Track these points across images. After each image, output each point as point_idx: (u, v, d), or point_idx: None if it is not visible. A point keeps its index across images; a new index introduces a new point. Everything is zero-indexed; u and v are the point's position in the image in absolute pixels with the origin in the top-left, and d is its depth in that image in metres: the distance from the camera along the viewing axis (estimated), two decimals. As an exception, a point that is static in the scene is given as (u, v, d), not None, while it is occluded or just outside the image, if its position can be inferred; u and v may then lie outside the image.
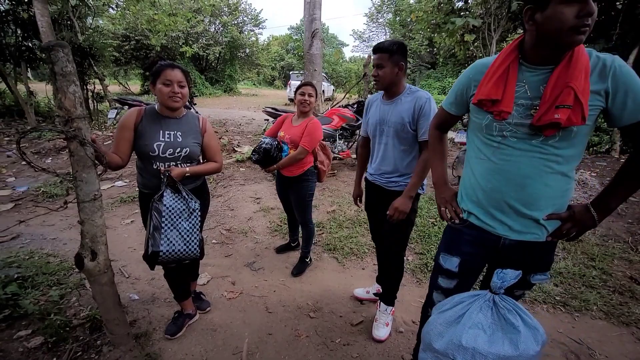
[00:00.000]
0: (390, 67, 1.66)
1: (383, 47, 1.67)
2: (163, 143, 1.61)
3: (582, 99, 0.96)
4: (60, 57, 1.24)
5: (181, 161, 1.67)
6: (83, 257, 1.47)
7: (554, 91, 0.99)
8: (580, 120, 0.97)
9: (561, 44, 0.98)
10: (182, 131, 1.67)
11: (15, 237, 3.03)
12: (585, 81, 0.97)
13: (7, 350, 1.68)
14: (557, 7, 0.94)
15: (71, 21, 8.06)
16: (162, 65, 1.57)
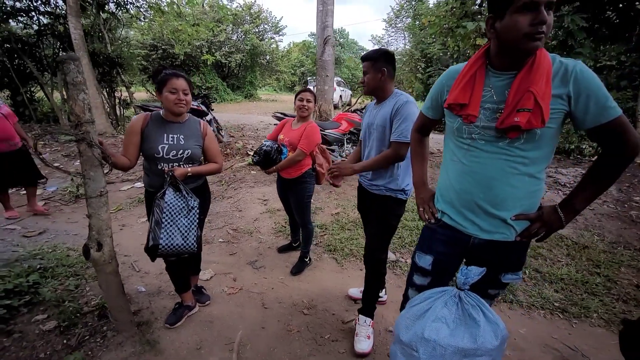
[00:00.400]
0: (373, 73, 1.75)
1: (367, 56, 1.77)
2: (167, 145, 1.75)
3: (542, 103, 0.99)
4: (72, 69, 1.41)
5: (184, 162, 1.81)
6: (90, 247, 1.63)
7: (516, 95, 1.04)
8: (540, 123, 1.01)
9: (519, 50, 1.02)
10: (184, 134, 1.81)
11: (42, 232, 3.30)
12: (547, 85, 1.01)
13: (25, 332, 1.87)
14: (513, 16, 0.99)
15: (102, 33, 8.63)
16: (167, 75, 1.72)
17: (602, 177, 1.09)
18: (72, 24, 6.85)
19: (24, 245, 2.91)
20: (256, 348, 1.89)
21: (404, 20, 17.33)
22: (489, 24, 1.10)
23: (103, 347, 1.79)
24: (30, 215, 3.70)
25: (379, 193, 1.83)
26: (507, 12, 1.01)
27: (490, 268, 1.23)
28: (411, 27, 14.60)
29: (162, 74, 1.74)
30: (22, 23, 8.74)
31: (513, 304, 2.30)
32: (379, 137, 1.78)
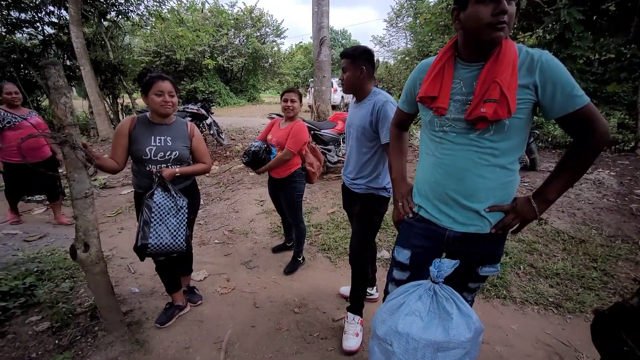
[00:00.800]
0: (352, 71, 1.74)
1: (346, 53, 1.75)
2: (154, 147, 1.78)
3: (508, 94, 0.99)
4: (52, 74, 1.44)
5: (171, 163, 1.83)
6: (77, 248, 1.65)
7: (482, 87, 1.04)
8: (507, 114, 1.00)
9: (482, 40, 1.02)
10: (171, 136, 1.84)
11: (42, 236, 3.36)
12: (512, 76, 1.00)
13: (18, 333, 1.91)
14: (475, 6, 1.00)
15: (104, 41, 8.79)
16: (152, 78, 1.75)
17: (574, 166, 1.08)
18: (73, 33, 7.00)
19: (24, 249, 2.97)
20: (245, 346, 1.90)
21: (404, 20, 17.28)
22: (454, 15, 1.10)
23: (93, 347, 1.82)
24: (56, 225, 3.73)
25: (361, 192, 1.83)
26: (469, 3, 1.01)
27: (467, 261, 1.23)
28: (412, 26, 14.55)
29: (147, 77, 1.77)
30: (27, 34, 8.95)
31: (506, 299, 2.28)
32: (358, 137, 1.77)
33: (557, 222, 3.34)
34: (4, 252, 2.89)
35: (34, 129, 3.17)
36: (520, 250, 2.81)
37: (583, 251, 2.74)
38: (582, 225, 3.21)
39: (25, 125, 3.18)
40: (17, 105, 3.23)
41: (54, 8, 8.47)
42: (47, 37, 8.79)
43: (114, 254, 2.99)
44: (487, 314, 2.15)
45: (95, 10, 8.24)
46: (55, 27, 8.80)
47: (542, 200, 1.13)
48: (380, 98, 1.72)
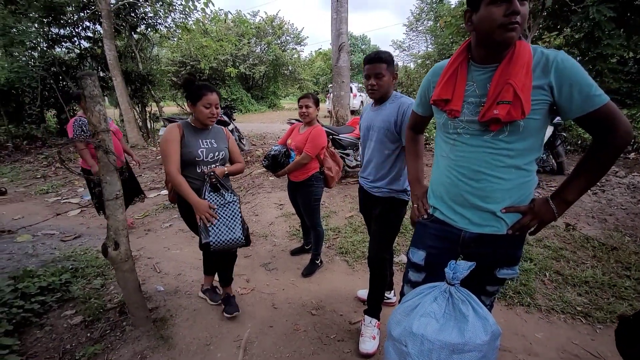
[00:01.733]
0: (388, 76, 1.73)
1: (382, 58, 1.70)
2: (205, 149, 1.92)
3: (522, 95, 0.99)
4: (89, 84, 1.56)
5: (219, 163, 2.00)
6: (108, 246, 1.77)
7: (496, 88, 1.04)
8: (520, 115, 1.00)
9: (495, 41, 1.03)
10: (215, 139, 2.00)
11: (77, 236, 3.58)
12: (526, 77, 1.00)
13: (54, 325, 2.05)
14: (487, 7, 1.01)
15: (134, 53, 9.29)
16: (202, 89, 1.87)
17: (594, 167, 1.06)
18: (107, 46, 7.45)
19: (60, 248, 3.18)
20: (263, 345, 1.95)
21: (424, 23, 17.12)
22: (466, 18, 1.11)
23: (121, 341, 1.92)
24: (90, 227, 3.95)
25: (381, 195, 1.85)
26: (481, 4, 1.02)
27: (484, 263, 1.22)
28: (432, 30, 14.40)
29: (195, 86, 1.89)
30: (65, 48, 9.61)
31: (530, 307, 2.20)
32: (380, 139, 1.80)
33: (586, 228, 3.18)
34: (42, 251, 3.10)
35: (114, 135, 3.17)
36: (545, 256, 2.70)
37: (615, 259, 2.60)
38: (614, 232, 3.05)
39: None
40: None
41: (90, 23, 9.07)
42: (83, 51, 9.40)
43: (141, 254, 3.13)
44: (509, 322, 2.09)
45: (127, 24, 8.74)
46: (91, 41, 9.41)
47: (561, 201, 1.11)
48: (405, 100, 1.75)
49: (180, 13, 9.64)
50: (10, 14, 7.57)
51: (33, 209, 4.61)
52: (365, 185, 1.94)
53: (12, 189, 5.54)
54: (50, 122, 10.10)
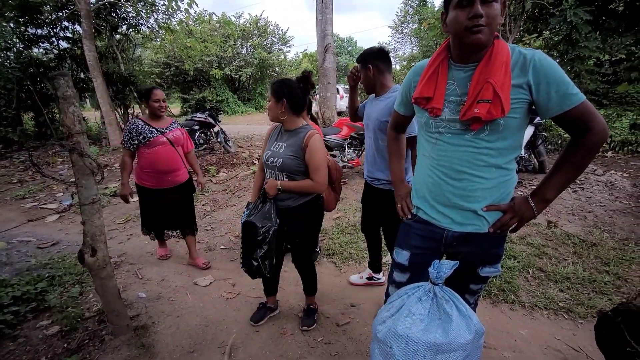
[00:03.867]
0: (364, 72, 1.91)
1: (356, 60, 1.97)
2: (270, 152, 1.79)
3: (501, 93, 1.00)
4: (62, 84, 1.50)
5: (277, 171, 1.75)
6: (84, 253, 1.70)
7: (476, 87, 1.05)
8: (500, 113, 1.01)
9: (464, 42, 1.04)
10: (287, 143, 1.75)
11: (55, 243, 3.45)
12: (505, 76, 1.01)
13: (29, 336, 1.95)
14: (454, 11, 1.03)
15: (115, 54, 9.07)
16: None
17: (572, 164, 1.08)
18: (86, 47, 7.24)
19: (37, 255, 3.05)
20: (248, 351, 1.91)
21: (409, 26, 17.38)
22: (442, 19, 1.13)
23: (100, 351, 1.85)
24: (68, 233, 3.78)
25: (382, 187, 1.95)
26: (450, 8, 1.05)
27: (467, 262, 1.22)
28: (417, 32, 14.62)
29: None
30: (43, 49, 9.29)
31: (515, 304, 2.23)
32: (375, 130, 1.90)
33: (567, 225, 3.26)
34: (17, 259, 2.97)
35: (171, 145, 2.58)
36: (528, 254, 2.75)
37: (595, 255, 2.67)
38: (593, 229, 3.14)
39: (160, 141, 2.53)
40: (160, 116, 2.59)
41: (69, 23, 8.80)
42: (61, 52, 9.11)
43: (122, 260, 3.04)
44: (495, 319, 2.11)
45: (107, 24, 8.52)
46: (70, 41, 9.13)
47: (540, 199, 1.12)
48: None
49: (163, 13, 9.47)
50: (-16, 13, 7.29)
51: (8, 215, 4.42)
52: (368, 179, 2.05)
53: (-14, 194, 5.30)
54: (27, 125, 9.74)
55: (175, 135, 2.63)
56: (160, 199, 2.64)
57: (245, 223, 1.75)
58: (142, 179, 2.62)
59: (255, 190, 1.99)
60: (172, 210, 2.71)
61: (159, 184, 2.61)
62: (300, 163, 1.72)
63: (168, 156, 2.56)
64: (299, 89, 1.71)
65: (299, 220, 1.83)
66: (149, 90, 2.50)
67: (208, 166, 6.04)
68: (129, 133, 2.51)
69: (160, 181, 2.60)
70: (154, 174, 2.57)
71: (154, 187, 2.61)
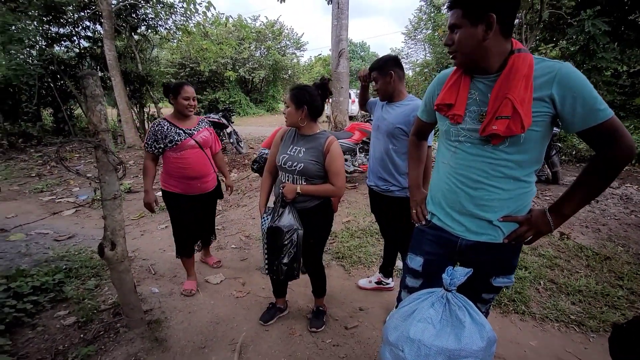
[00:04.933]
0: (382, 79, 1.92)
1: (373, 66, 1.97)
2: (287, 156, 1.77)
3: (520, 109, 0.99)
4: (90, 83, 1.57)
5: (297, 175, 1.76)
6: (104, 246, 1.76)
7: (495, 103, 1.05)
8: (520, 129, 1.01)
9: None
10: (306, 148, 1.76)
11: (71, 236, 3.54)
12: (526, 89, 1.00)
13: (47, 325, 2.02)
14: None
15: (134, 54, 9.28)
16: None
17: (595, 181, 1.05)
18: (107, 46, 7.44)
19: (54, 247, 3.14)
20: (258, 349, 1.94)
21: (423, 32, 17.33)
22: None
23: (115, 342, 1.90)
24: (84, 227, 3.88)
25: (389, 195, 1.99)
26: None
27: (480, 271, 1.22)
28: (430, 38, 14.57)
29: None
30: (64, 47, 9.58)
31: (525, 315, 2.21)
32: (387, 132, 1.93)
33: (580, 237, 3.22)
34: (36, 250, 3.07)
35: (200, 148, 2.32)
36: (540, 265, 2.72)
37: (608, 268, 2.63)
38: (607, 242, 3.09)
39: (188, 144, 2.26)
40: (188, 116, 2.31)
41: (90, 23, 9.05)
42: (82, 50, 9.37)
43: (136, 255, 3.11)
44: (504, 329, 2.10)
45: (127, 25, 8.73)
46: (90, 40, 9.38)
47: (559, 215, 1.11)
48: (419, 103, 1.84)
49: (181, 15, 9.67)
50: (10, 12, 7.55)
51: (27, 207, 4.56)
52: (377, 189, 2.06)
53: (6, 187, 5.47)
54: (46, 121, 10.03)
55: (204, 137, 2.35)
56: (186, 205, 2.39)
57: (270, 229, 1.75)
58: (168, 183, 2.36)
59: (264, 193, 1.97)
60: (199, 220, 2.51)
61: (186, 190, 2.36)
62: (321, 168, 1.75)
63: (197, 161, 2.31)
64: (319, 95, 1.73)
65: (314, 221, 1.85)
66: (179, 86, 2.22)
67: (220, 166, 6.13)
68: (153, 135, 2.22)
69: (188, 187, 2.35)
70: (183, 179, 2.32)
71: (181, 192, 2.35)
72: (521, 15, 5.41)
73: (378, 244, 3.23)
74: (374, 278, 2.57)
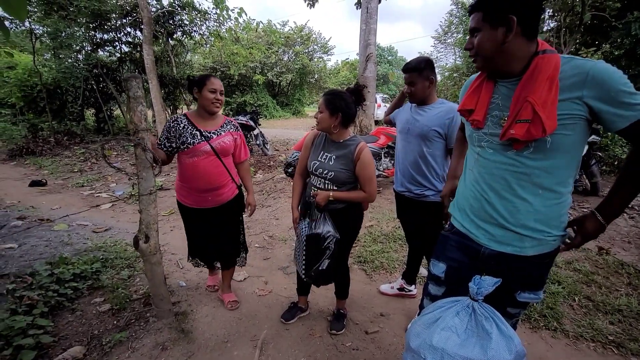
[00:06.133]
0: (421, 82, 1.88)
1: (412, 67, 1.88)
2: (318, 163, 1.78)
3: (542, 112, 0.95)
4: (133, 85, 1.68)
5: (328, 181, 1.77)
6: (139, 239, 1.86)
7: (515, 107, 1.03)
8: (541, 133, 0.96)
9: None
10: (336, 155, 1.75)
11: (107, 229, 3.76)
12: (550, 91, 0.96)
13: (84, 311, 2.16)
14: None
15: (169, 58, 9.76)
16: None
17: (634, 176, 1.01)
18: (145, 51, 7.87)
19: (92, 238, 3.35)
20: (278, 347, 1.97)
21: (453, 36, 16.96)
22: None
23: (145, 331, 2.00)
24: (119, 220, 4.10)
25: (423, 200, 1.99)
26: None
27: (504, 284, 1.15)
28: (461, 42, 14.23)
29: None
30: (107, 52, 10.24)
31: (557, 332, 2.10)
32: (420, 135, 1.92)
33: (621, 253, 3.01)
34: (76, 240, 3.29)
35: (215, 156, 2.00)
36: (575, 280, 2.57)
37: (653, 288, 2.44)
38: (652, 260, 2.87)
39: (201, 150, 1.96)
40: (213, 113, 2.03)
41: (131, 29, 9.64)
42: (123, 55, 9.98)
43: (165, 249, 3.25)
44: (533, 345, 2.00)
45: (165, 30, 9.22)
46: (131, 45, 9.99)
47: (609, 213, 1.06)
48: (453, 107, 1.87)
49: (214, 21, 10.07)
50: (61, 19, 8.19)
51: (70, 200, 4.90)
52: (410, 194, 2.04)
53: (52, 180, 5.92)
54: (88, 120, 10.73)
55: (224, 144, 2.02)
56: (202, 222, 2.14)
57: (310, 236, 1.78)
58: (182, 195, 2.10)
59: (296, 195, 1.98)
60: (216, 238, 2.20)
61: (199, 203, 2.08)
62: (351, 175, 1.74)
63: (211, 170, 2.00)
64: (353, 102, 1.71)
65: (344, 222, 1.84)
66: (205, 77, 1.99)
67: (246, 167, 6.29)
68: (166, 131, 1.97)
69: (199, 200, 2.07)
70: (193, 190, 2.04)
71: (194, 206, 2.10)
72: (560, 17, 5.16)
73: (401, 250, 3.18)
74: (396, 284, 2.53)
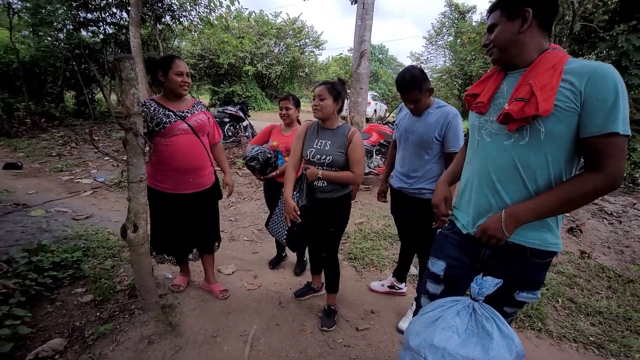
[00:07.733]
0: (423, 96, 1.84)
1: (411, 85, 1.79)
2: (314, 150, 1.86)
3: (539, 92, 0.97)
4: (126, 66, 1.58)
5: (326, 167, 1.85)
6: (127, 228, 1.77)
7: (516, 91, 1.05)
8: (534, 110, 0.96)
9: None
10: (331, 141, 1.85)
11: (88, 216, 3.61)
12: (552, 77, 0.97)
13: (65, 301, 2.06)
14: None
15: (157, 42, 9.42)
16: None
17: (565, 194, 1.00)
18: (132, 34, 7.55)
19: (72, 226, 3.20)
20: (269, 343, 1.93)
21: (444, 38, 17.16)
22: None
23: (130, 323, 1.92)
24: (101, 208, 3.91)
25: (421, 197, 1.97)
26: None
27: (504, 283, 1.17)
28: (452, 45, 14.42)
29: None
30: (90, 32, 9.78)
31: (541, 332, 2.16)
32: (418, 143, 1.91)
33: (602, 257, 3.13)
34: (55, 227, 3.13)
35: (194, 134, 1.94)
36: (559, 282, 2.66)
37: (631, 292, 2.54)
38: (630, 264, 2.99)
39: (179, 128, 1.89)
40: (181, 95, 1.96)
41: (117, 10, 9.22)
42: (107, 36, 9.55)
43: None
44: (519, 344, 2.05)
45: (153, 13, 8.87)
46: (116, 27, 9.56)
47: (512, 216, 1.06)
48: (451, 110, 1.85)
49: (205, 7, 9.78)
50: (43, -6, 7.75)
51: (47, 185, 4.67)
52: (408, 189, 2.02)
53: (28, 164, 5.62)
54: (68, 103, 10.26)
55: (200, 121, 1.97)
56: (178, 209, 2.02)
57: (302, 207, 1.88)
58: (157, 180, 1.96)
59: (289, 185, 1.95)
60: (192, 224, 2.10)
61: (177, 188, 1.97)
62: (347, 158, 1.85)
63: (190, 148, 1.93)
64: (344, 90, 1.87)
65: (337, 211, 1.95)
66: (169, 59, 1.89)
67: (235, 159, 6.17)
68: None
69: (180, 183, 1.97)
70: (172, 172, 1.93)
71: (171, 191, 1.98)
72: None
73: (391, 248, 3.20)
74: (386, 282, 2.54)
